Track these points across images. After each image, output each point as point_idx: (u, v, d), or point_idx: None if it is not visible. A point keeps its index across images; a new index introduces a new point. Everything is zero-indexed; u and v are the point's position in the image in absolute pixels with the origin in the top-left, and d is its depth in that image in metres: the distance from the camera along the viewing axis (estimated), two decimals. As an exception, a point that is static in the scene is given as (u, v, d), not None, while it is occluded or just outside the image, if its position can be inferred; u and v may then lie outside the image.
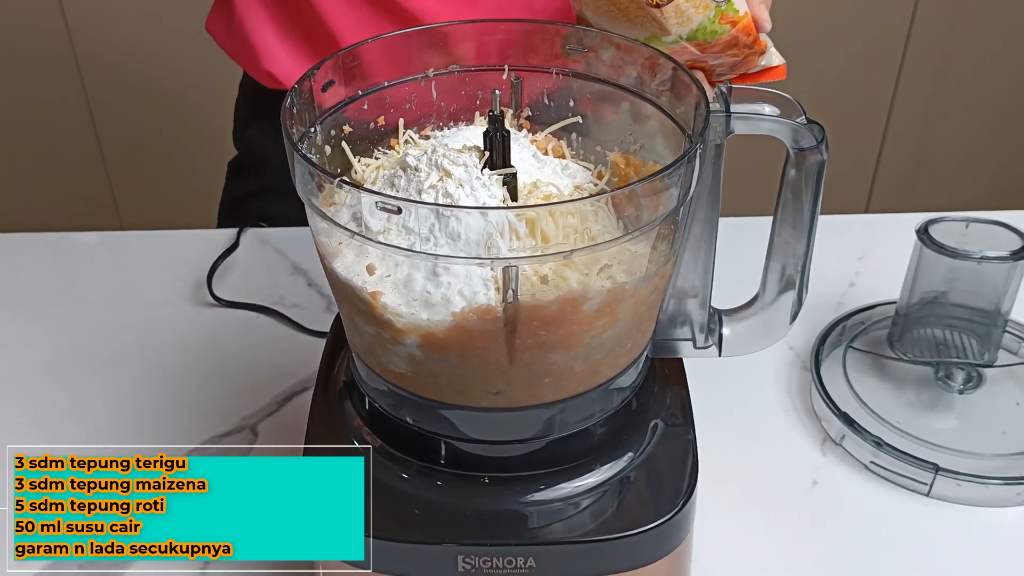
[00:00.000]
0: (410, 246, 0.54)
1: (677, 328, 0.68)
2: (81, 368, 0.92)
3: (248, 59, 1.07)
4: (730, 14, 0.72)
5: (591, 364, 0.59)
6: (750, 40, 0.74)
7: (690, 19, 0.72)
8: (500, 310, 0.54)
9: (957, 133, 2.28)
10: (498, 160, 0.59)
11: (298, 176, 0.56)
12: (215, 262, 1.01)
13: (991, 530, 0.76)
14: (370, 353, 0.60)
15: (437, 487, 0.62)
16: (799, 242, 0.64)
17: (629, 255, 0.57)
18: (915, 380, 0.86)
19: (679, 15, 0.71)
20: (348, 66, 0.63)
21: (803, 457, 0.82)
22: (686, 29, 0.72)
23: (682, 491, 0.62)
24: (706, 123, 0.57)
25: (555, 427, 0.61)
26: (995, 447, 0.80)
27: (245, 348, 0.94)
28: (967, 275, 0.84)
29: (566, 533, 0.60)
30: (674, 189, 0.54)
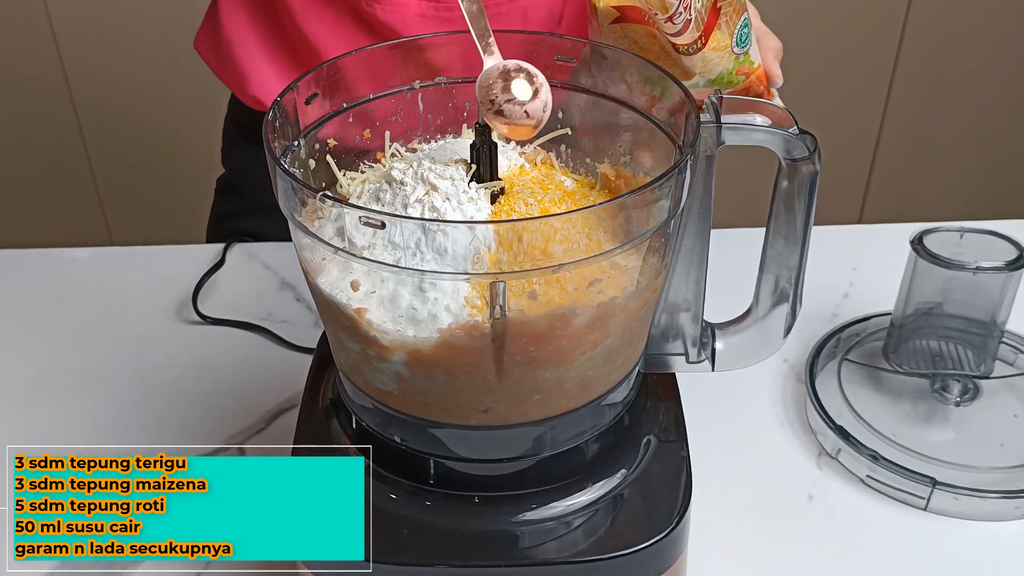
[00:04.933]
0: (396, 261, 0.53)
1: (669, 342, 0.67)
2: (66, 385, 0.91)
3: (236, 83, 1.07)
4: (746, 66, 0.75)
5: (582, 380, 0.58)
6: (760, 89, 0.77)
7: (713, 69, 0.75)
8: (488, 326, 0.53)
9: (950, 142, 2.28)
10: (485, 173, 0.58)
11: (281, 191, 0.55)
12: (200, 279, 1.00)
13: (989, 544, 0.75)
14: (356, 371, 0.59)
15: (426, 507, 0.61)
16: (792, 254, 0.63)
17: (619, 269, 0.56)
18: (911, 392, 0.85)
19: (704, 63, 0.74)
20: (332, 79, 0.62)
21: (799, 471, 0.81)
22: (706, 77, 0.74)
23: (676, 508, 0.61)
24: (697, 134, 0.56)
25: (546, 445, 0.60)
26: (993, 460, 0.79)
27: (232, 365, 0.92)
28: (962, 286, 0.83)
29: (559, 553, 0.59)
30: (665, 201, 0.53)
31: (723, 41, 0.73)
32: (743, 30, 0.74)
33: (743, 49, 0.74)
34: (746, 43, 0.74)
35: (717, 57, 0.74)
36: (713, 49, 0.73)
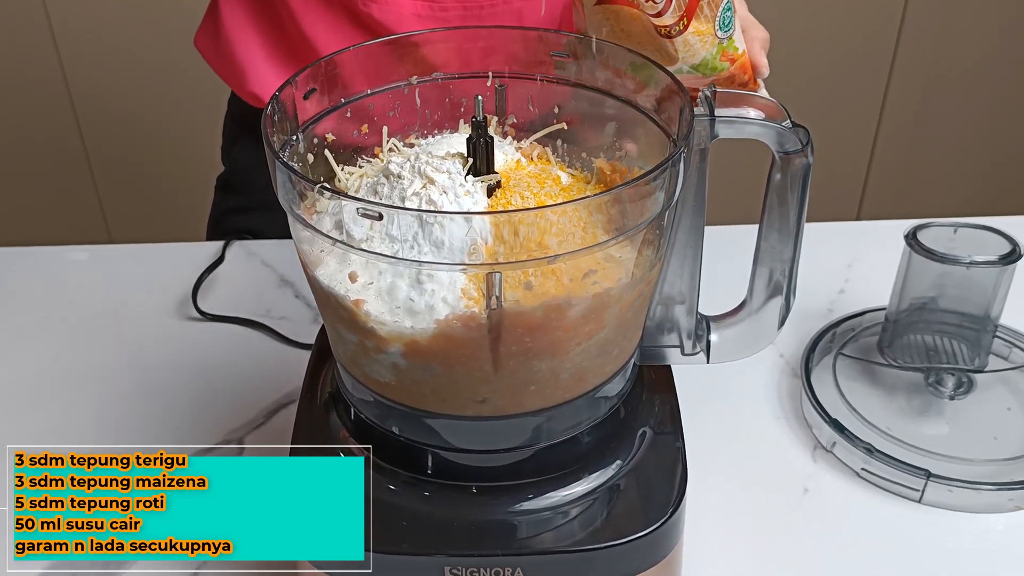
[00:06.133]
0: (393, 254, 0.53)
1: (664, 335, 0.67)
2: (66, 382, 0.91)
3: (235, 79, 1.07)
4: (730, 51, 0.75)
5: (577, 371, 0.58)
6: (746, 79, 0.77)
7: (696, 53, 0.74)
8: (484, 317, 0.54)
9: (947, 141, 2.29)
10: (482, 167, 0.58)
11: (279, 184, 0.55)
12: (200, 276, 1.01)
13: (983, 536, 0.76)
14: (354, 363, 0.60)
15: (424, 497, 0.61)
16: (786, 247, 0.63)
17: (614, 260, 0.56)
18: (906, 386, 0.86)
19: (686, 47, 0.73)
20: (330, 74, 0.63)
21: (794, 464, 0.81)
22: (690, 63, 0.74)
23: (671, 499, 0.61)
24: (691, 127, 0.57)
25: (542, 435, 0.60)
26: (986, 453, 0.79)
27: (232, 361, 0.93)
28: (956, 280, 0.84)
29: (555, 542, 0.60)
30: (659, 193, 0.54)
31: (706, 25, 0.73)
32: (726, 13, 0.74)
33: (727, 33, 0.74)
34: (729, 27, 0.74)
35: (699, 42, 0.74)
36: (696, 33, 0.73)
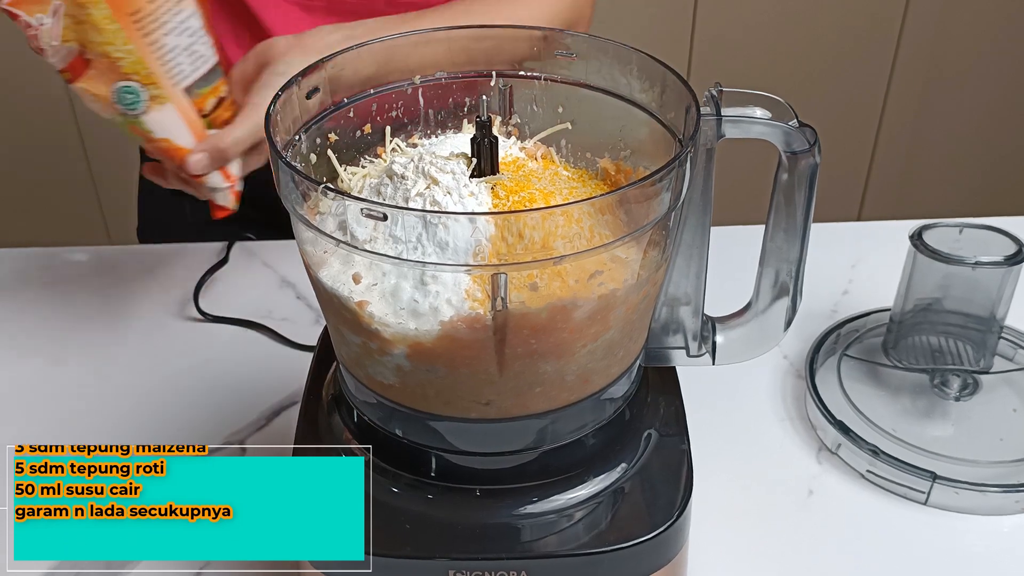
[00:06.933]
0: (397, 255, 0.53)
1: (670, 336, 0.67)
2: (66, 384, 0.91)
3: None
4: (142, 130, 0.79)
5: (583, 373, 0.58)
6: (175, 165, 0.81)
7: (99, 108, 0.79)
8: (489, 319, 0.53)
9: (948, 140, 2.28)
10: (486, 167, 0.58)
11: (282, 184, 0.55)
12: (202, 278, 1.00)
13: (990, 538, 0.75)
14: (357, 364, 0.59)
15: (428, 500, 0.61)
16: (792, 247, 0.63)
17: (620, 261, 0.56)
18: (911, 388, 0.86)
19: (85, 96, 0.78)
20: (333, 73, 0.62)
21: (799, 466, 0.81)
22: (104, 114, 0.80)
23: (677, 502, 0.61)
24: (697, 127, 0.56)
25: (547, 438, 0.60)
26: (993, 454, 0.79)
27: (233, 363, 0.92)
28: (961, 281, 0.83)
29: (560, 546, 0.59)
30: (665, 193, 0.54)
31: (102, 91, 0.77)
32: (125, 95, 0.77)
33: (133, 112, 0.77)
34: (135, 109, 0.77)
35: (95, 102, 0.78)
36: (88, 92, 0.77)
